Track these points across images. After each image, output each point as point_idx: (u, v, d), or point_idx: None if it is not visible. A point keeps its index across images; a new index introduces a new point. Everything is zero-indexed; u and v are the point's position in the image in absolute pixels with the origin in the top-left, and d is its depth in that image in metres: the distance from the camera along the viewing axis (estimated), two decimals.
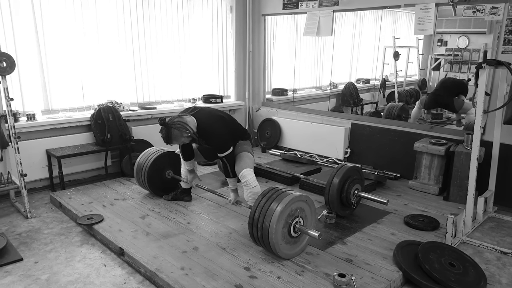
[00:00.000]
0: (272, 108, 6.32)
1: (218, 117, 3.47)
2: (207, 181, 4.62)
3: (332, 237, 3.33)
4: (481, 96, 3.34)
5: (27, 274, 2.87)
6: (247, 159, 3.49)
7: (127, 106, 5.09)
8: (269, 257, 2.97)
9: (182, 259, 2.95)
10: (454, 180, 4.14)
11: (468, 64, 5.31)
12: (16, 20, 4.16)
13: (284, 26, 6.28)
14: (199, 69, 5.85)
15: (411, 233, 3.42)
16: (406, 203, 4.12)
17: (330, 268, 2.82)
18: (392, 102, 5.84)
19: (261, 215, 2.83)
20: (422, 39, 5.73)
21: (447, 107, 5.39)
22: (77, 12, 4.57)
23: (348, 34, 6.11)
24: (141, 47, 5.16)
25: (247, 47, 6.25)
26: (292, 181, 4.63)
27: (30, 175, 4.13)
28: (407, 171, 4.74)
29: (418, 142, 4.45)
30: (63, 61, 4.57)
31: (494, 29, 4.12)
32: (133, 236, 3.31)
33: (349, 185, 3.59)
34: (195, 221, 3.61)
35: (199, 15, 5.69)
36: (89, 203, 3.99)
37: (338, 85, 6.34)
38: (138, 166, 4.12)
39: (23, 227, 3.62)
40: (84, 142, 4.70)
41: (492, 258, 3.13)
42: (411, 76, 6.10)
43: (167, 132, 3.23)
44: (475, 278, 2.75)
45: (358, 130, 5.28)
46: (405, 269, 2.78)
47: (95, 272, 2.91)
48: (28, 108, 4.41)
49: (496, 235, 3.53)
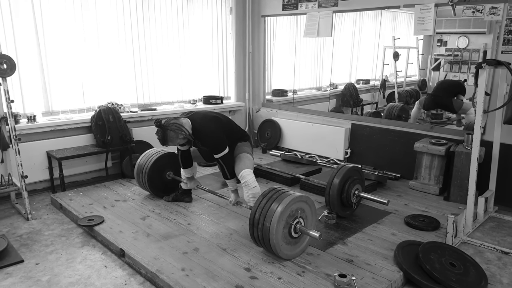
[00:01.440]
0: (272, 109, 6.32)
1: (213, 118, 3.48)
2: (208, 182, 4.62)
3: (333, 237, 3.33)
4: (481, 96, 3.34)
5: (28, 276, 2.87)
6: (246, 160, 3.49)
7: (127, 107, 5.10)
8: (269, 257, 2.98)
9: (183, 260, 2.95)
10: (454, 180, 4.14)
11: (468, 64, 5.31)
12: (16, 21, 4.17)
13: (284, 27, 6.28)
14: (199, 70, 5.86)
15: (412, 233, 3.42)
16: (406, 203, 4.13)
17: (330, 269, 2.82)
18: (392, 103, 5.85)
19: (262, 215, 2.83)
20: (422, 39, 5.73)
21: (446, 107, 5.39)
22: (77, 13, 4.57)
23: (348, 34, 6.11)
24: (141, 48, 5.17)
25: (247, 48, 6.25)
26: (293, 181, 4.64)
27: (31, 176, 4.13)
28: (407, 171, 4.74)
29: (418, 142, 4.45)
30: (63, 62, 4.58)
31: (493, 29, 4.13)
32: (134, 237, 3.31)
33: (350, 186, 3.59)
34: (195, 222, 3.62)
35: (199, 16, 5.70)
36: (90, 205, 4.00)
37: (338, 86, 6.34)
38: (138, 168, 4.13)
39: (23, 229, 3.63)
40: (84, 143, 4.71)
41: (493, 258, 3.13)
42: (411, 77, 6.10)
43: (163, 133, 3.25)
44: (476, 278, 2.75)
45: (358, 131, 5.28)
46: (406, 269, 2.78)
47: (96, 273, 2.91)
48: (28, 110, 4.41)
49: (496, 235, 3.53)
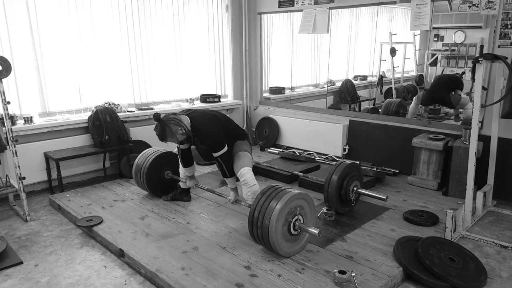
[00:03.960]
0: (269, 106, 6.32)
1: (212, 116, 3.47)
2: (206, 181, 4.61)
3: (332, 234, 3.33)
4: (478, 91, 3.35)
5: (28, 277, 2.87)
6: (245, 158, 3.48)
7: (124, 107, 5.09)
8: (269, 255, 2.97)
9: (182, 259, 2.94)
10: (452, 175, 4.14)
11: (465, 59, 5.31)
12: (11, 23, 4.15)
13: (280, 24, 6.27)
14: (196, 69, 5.85)
15: (411, 229, 3.43)
16: (405, 199, 4.13)
17: (330, 265, 2.82)
18: (390, 98, 5.85)
19: (261, 213, 2.83)
20: (419, 34, 5.73)
21: (444, 103, 5.39)
22: (72, 13, 4.55)
23: (345, 31, 6.10)
24: (137, 47, 5.15)
25: (244, 46, 6.24)
26: (291, 179, 4.63)
27: (29, 178, 4.13)
28: (405, 167, 4.74)
29: (416, 137, 4.45)
30: (59, 63, 4.56)
31: (490, 23, 4.12)
32: (133, 237, 3.30)
33: (348, 182, 3.59)
34: (194, 221, 3.61)
35: (195, 14, 5.68)
36: (88, 205, 3.99)
37: (336, 82, 6.34)
38: (136, 167, 4.12)
39: (22, 230, 3.62)
40: (82, 144, 4.70)
41: (492, 252, 3.13)
42: (408, 72, 6.10)
43: (161, 128, 3.23)
44: (475, 273, 2.76)
45: (356, 127, 5.28)
46: (405, 265, 2.78)
47: (95, 274, 2.91)
48: (25, 111, 4.40)
49: (495, 229, 3.53)
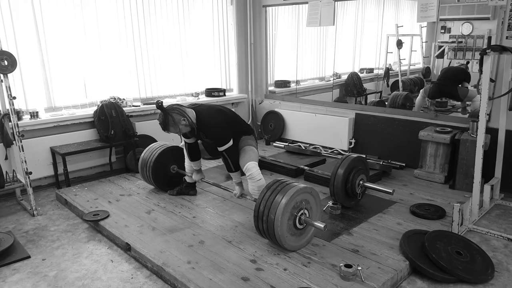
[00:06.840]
0: (275, 100, 6.30)
1: (218, 110, 3.46)
2: (212, 175, 4.62)
3: (338, 228, 3.32)
4: (486, 83, 3.31)
5: (35, 271, 2.89)
6: (251, 152, 3.48)
7: (130, 101, 5.09)
8: (275, 249, 2.98)
9: (189, 253, 2.95)
10: (460, 168, 4.11)
11: (472, 50, 5.25)
12: (16, 18, 4.15)
13: (286, 17, 6.23)
14: (201, 63, 5.83)
15: (417, 222, 3.41)
16: (411, 192, 4.11)
17: (336, 259, 2.82)
18: (396, 91, 5.81)
19: (266, 207, 2.82)
20: (425, 26, 5.67)
21: (451, 96, 5.35)
22: (77, 8, 4.55)
23: (351, 23, 6.06)
24: (142, 42, 5.14)
25: (249, 39, 6.21)
26: (297, 173, 4.62)
27: (35, 173, 4.16)
28: (412, 160, 4.71)
29: (423, 130, 4.41)
30: (64, 58, 4.57)
31: (498, 14, 4.07)
32: (139, 231, 3.32)
33: (354, 176, 3.57)
34: (200, 215, 3.62)
35: (200, 8, 5.65)
36: (95, 200, 4.01)
37: (342, 75, 6.30)
38: (142, 162, 4.13)
39: (29, 225, 3.65)
40: (88, 138, 4.71)
41: (499, 246, 3.11)
42: (414, 64, 6.06)
43: (164, 117, 3.20)
44: (483, 266, 2.74)
45: (362, 120, 5.25)
46: (412, 259, 2.77)
47: (102, 267, 2.93)
48: (31, 106, 4.42)
49: (503, 222, 3.51)
